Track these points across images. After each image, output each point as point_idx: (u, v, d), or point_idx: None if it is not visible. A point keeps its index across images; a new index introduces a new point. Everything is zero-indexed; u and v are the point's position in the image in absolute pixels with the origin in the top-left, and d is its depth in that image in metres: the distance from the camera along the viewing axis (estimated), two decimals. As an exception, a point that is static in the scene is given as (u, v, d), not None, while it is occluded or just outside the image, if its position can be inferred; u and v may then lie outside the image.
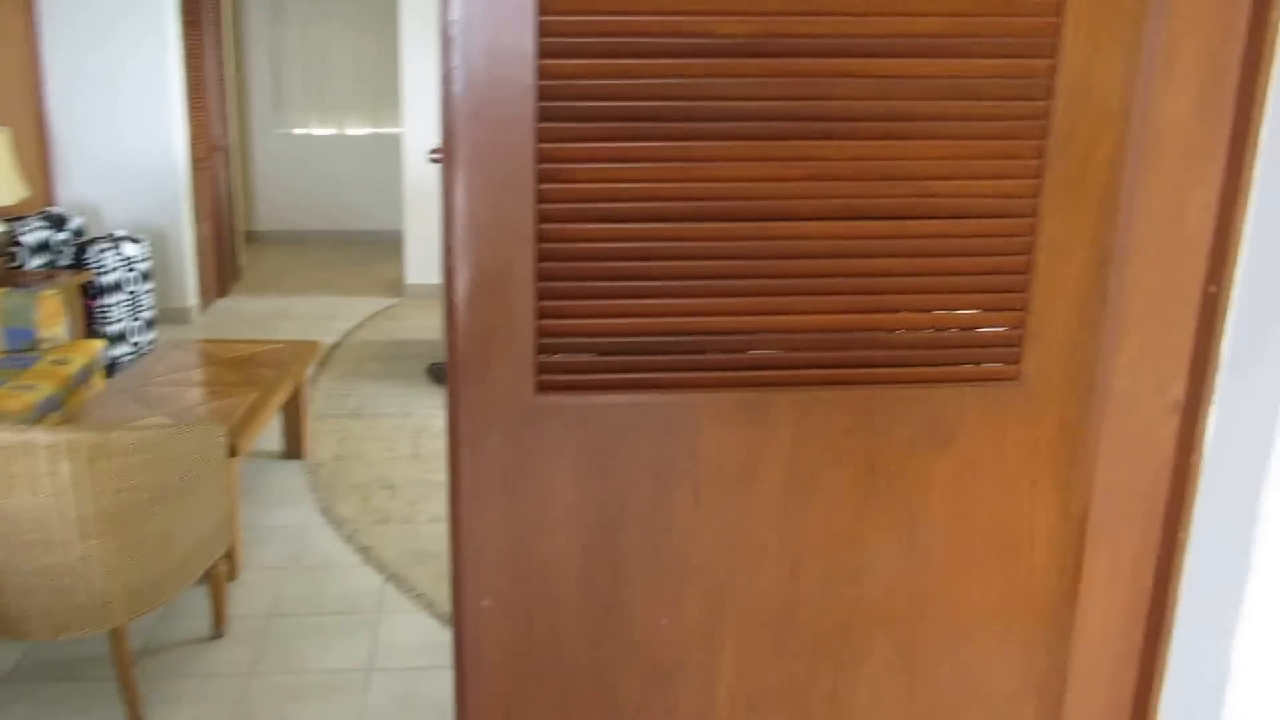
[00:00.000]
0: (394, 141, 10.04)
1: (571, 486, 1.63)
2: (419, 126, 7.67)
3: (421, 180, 7.73)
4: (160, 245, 6.85)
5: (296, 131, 10.19)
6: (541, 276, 1.58)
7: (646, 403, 1.62)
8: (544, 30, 1.51)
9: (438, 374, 5.95)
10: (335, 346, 6.65)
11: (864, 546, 1.67)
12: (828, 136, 1.56)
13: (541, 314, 1.59)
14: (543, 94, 1.53)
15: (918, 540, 1.68)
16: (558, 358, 1.61)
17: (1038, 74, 1.58)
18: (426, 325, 7.22)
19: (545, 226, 1.57)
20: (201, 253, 7.27)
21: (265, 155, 10.23)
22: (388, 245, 9.95)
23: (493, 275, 1.58)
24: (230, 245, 8.19)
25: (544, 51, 1.52)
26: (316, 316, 7.43)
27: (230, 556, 3.45)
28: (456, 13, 1.53)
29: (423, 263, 7.96)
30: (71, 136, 6.66)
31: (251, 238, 10.20)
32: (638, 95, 1.53)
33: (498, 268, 1.58)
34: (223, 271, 7.87)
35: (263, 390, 4.00)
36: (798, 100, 1.55)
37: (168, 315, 6.96)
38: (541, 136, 1.54)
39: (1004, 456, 1.66)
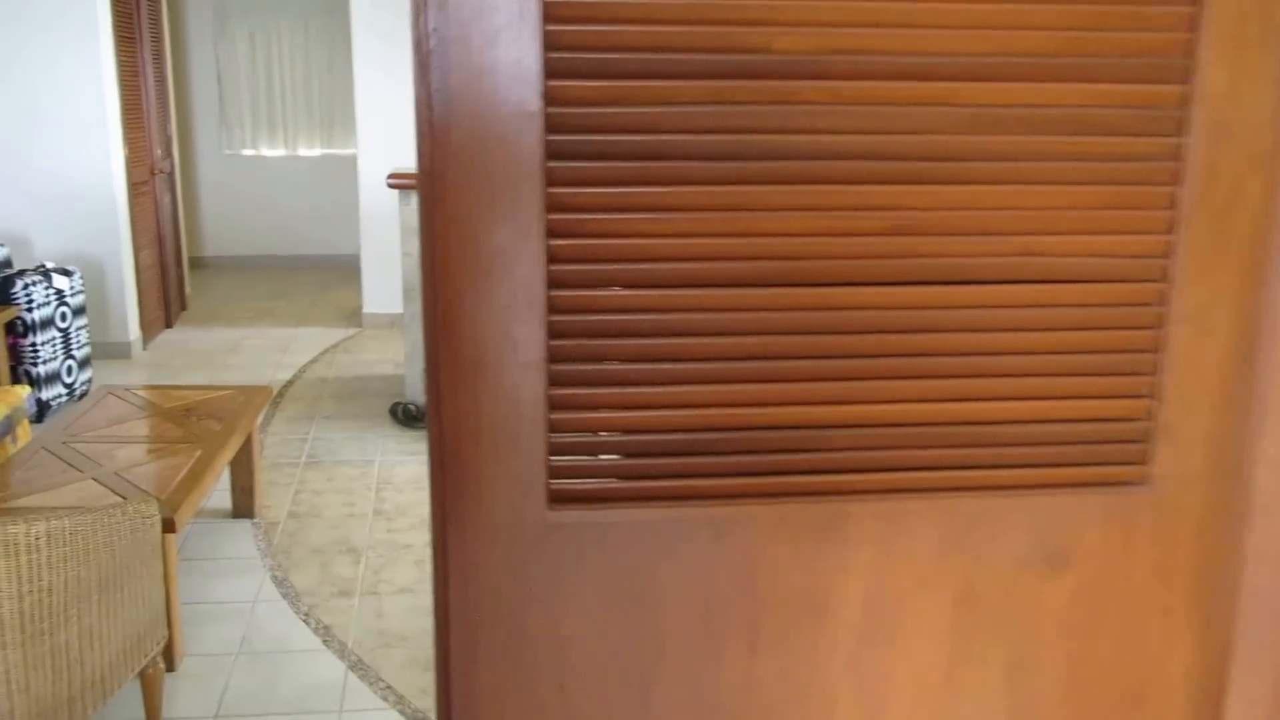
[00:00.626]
0: (349, 163, 9.71)
1: (592, 626, 1.32)
2: (375, 147, 7.34)
3: (379, 204, 7.40)
4: (97, 276, 6.47)
5: (245, 153, 9.83)
6: (553, 357, 1.28)
7: (687, 517, 1.31)
8: (551, 43, 1.21)
9: (401, 414, 5.61)
10: (289, 384, 6.30)
11: (959, 694, 1.37)
12: (909, 181, 1.27)
13: (553, 405, 1.29)
14: (551, 124, 1.23)
15: (1025, 684, 1.37)
16: (575, 460, 1.31)
17: (1168, 103, 1.29)
18: (387, 358, 6.88)
19: (557, 294, 1.26)
20: (143, 283, 6.90)
21: (212, 177, 9.86)
22: (343, 271, 9.60)
23: (489, 355, 1.27)
24: (175, 274, 7.81)
25: (552, 70, 1.22)
26: (269, 350, 7.07)
27: (168, 648, 3.10)
28: (434, 19, 1.22)
29: (381, 291, 7.62)
30: (-5, 164, 6.29)
31: (199, 264, 9.81)
32: (672, 127, 1.23)
33: (495, 345, 1.27)
34: (167, 302, 7.49)
35: (207, 447, 3.65)
36: (872, 135, 1.25)
37: (107, 350, 6.58)
38: (551, 179, 1.24)
39: (1131, 579, 1.36)
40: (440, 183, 1.25)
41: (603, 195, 1.25)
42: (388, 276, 7.56)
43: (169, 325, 7.54)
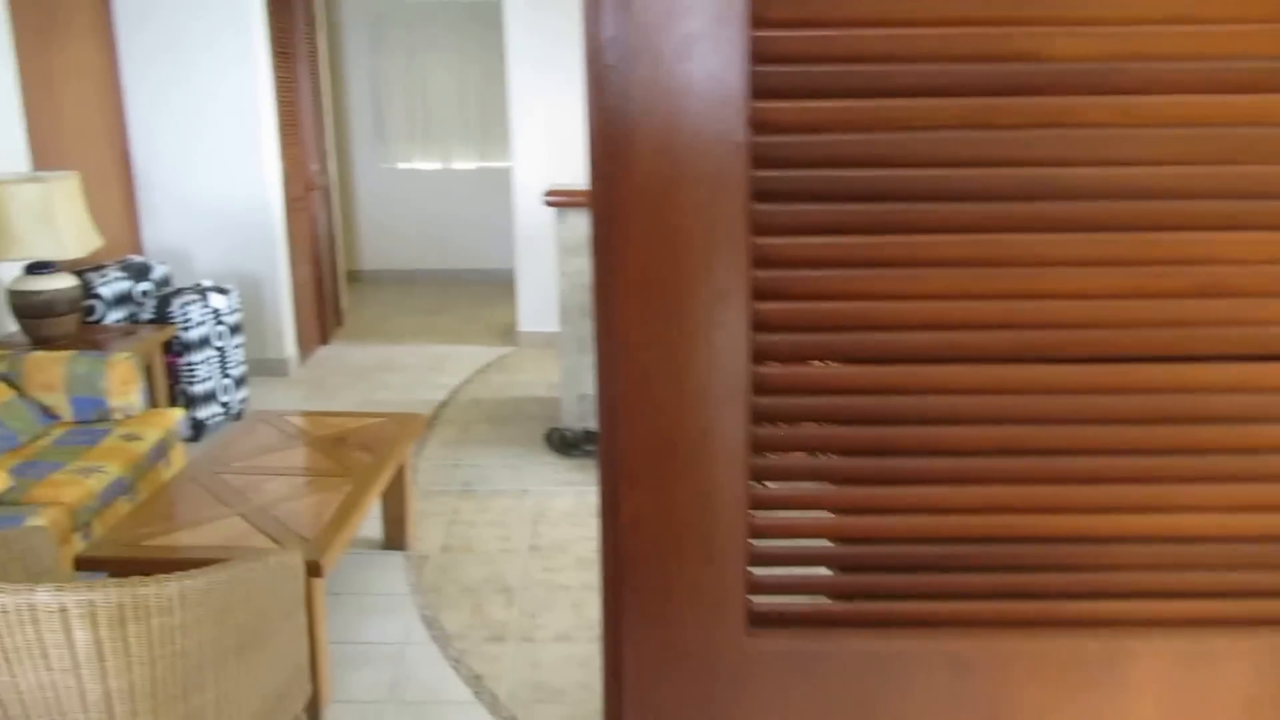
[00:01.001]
0: (502, 176, 9.68)
1: (803, 785, 1.07)
2: (530, 161, 7.23)
3: (534, 218, 7.28)
4: (254, 292, 6.51)
5: (401, 166, 9.88)
6: (756, 446, 1.04)
7: (920, 650, 1.05)
8: (761, 53, 0.98)
9: (557, 441, 5.45)
10: (443, 406, 6.21)
11: None
12: (1225, 226, 0.99)
13: (756, 504, 1.05)
14: (760, 156, 1.00)
15: None
16: (781, 573, 1.06)
17: None
18: (542, 380, 6.75)
19: (763, 369, 1.03)
20: (299, 298, 6.92)
21: (367, 191, 9.95)
22: (498, 287, 9.56)
23: (676, 444, 1.04)
24: (331, 288, 7.85)
25: (761, 88, 0.98)
26: (423, 368, 7.02)
27: (312, 700, 2.97)
28: (613, 26, 1.00)
29: (536, 308, 7.51)
30: (157, 177, 6.37)
31: (355, 278, 9.91)
32: (914, 159, 0.98)
33: (686, 431, 1.04)
34: (323, 317, 7.53)
35: (358, 481, 3.53)
36: (1182, 166, 0.98)
37: (263, 367, 6.62)
38: (758, 225, 1.01)
39: None
40: (618, 230, 1.03)
41: (824, 246, 1.01)
42: (543, 294, 7.45)
43: (325, 341, 7.57)
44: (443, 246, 10.06)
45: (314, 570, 2.89)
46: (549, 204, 5.30)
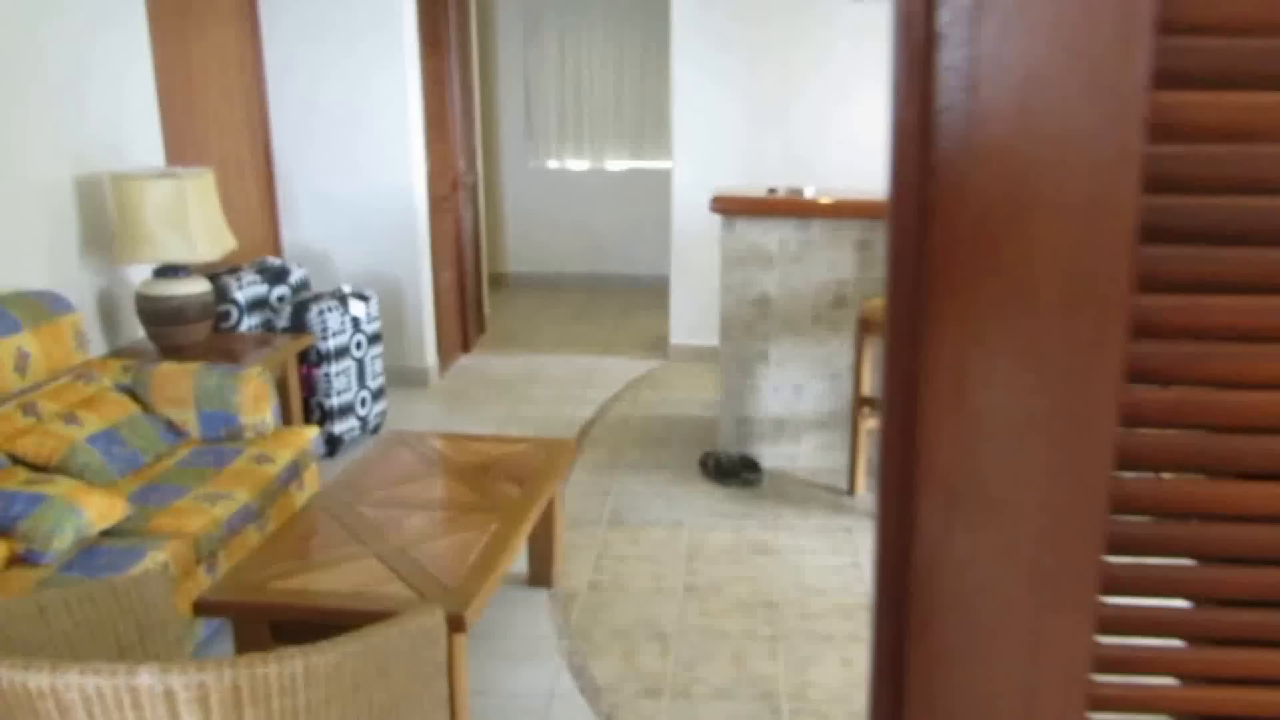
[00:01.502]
0: (657, 177, 9.43)
1: None
2: (691, 163, 6.95)
3: (693, 224, 7.00)
4: (395, 297, 6.37)
5: (550, 165, 9.71)
6: (1109, 624, 0.71)
7: None
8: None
9: (712, 467, 5.15)
10: (590, 424, 5.97)
11: None
12: None
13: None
14: (1155, 176, 0.67)
15: None
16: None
17: None
18: (696, 397, 6.46)
19: (1137, 489, 0.70)
20: (441, 305, 6.76)
21: (515, 191, 9.80)
22: (649, 294, 9.32)
23: (992, 619, 0.73)
24: (475, 294, 7.70)
25: (1170, 73, 0.66)
26: (570, 381, 6.80)
27: (451, 769, 2.71)
28: (949, 10, 0.69)
29: (691, 320, 7.23)
30: (298, 174, 6.27)
31: (499, 281, 9.78)
32: None
33: (1006, 600, 0.72)
34: (465, 325, 7.37)
35: (505, 519, 3.28)
36: None
37: (403, 377, 6.47)
38: (1144, 278, 0.69)
39: None
40: (932, 272, 0.73)
41: (1245, 309, 0.68)
42: (699, 305, 7.16)
43: (467, 349, 7.41)
44: (591, 250, 9.86)
45: (457, 625, 2.64)
46: (716, 210, 5.00)
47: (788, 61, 6.83)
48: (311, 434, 4.20)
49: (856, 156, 6.92)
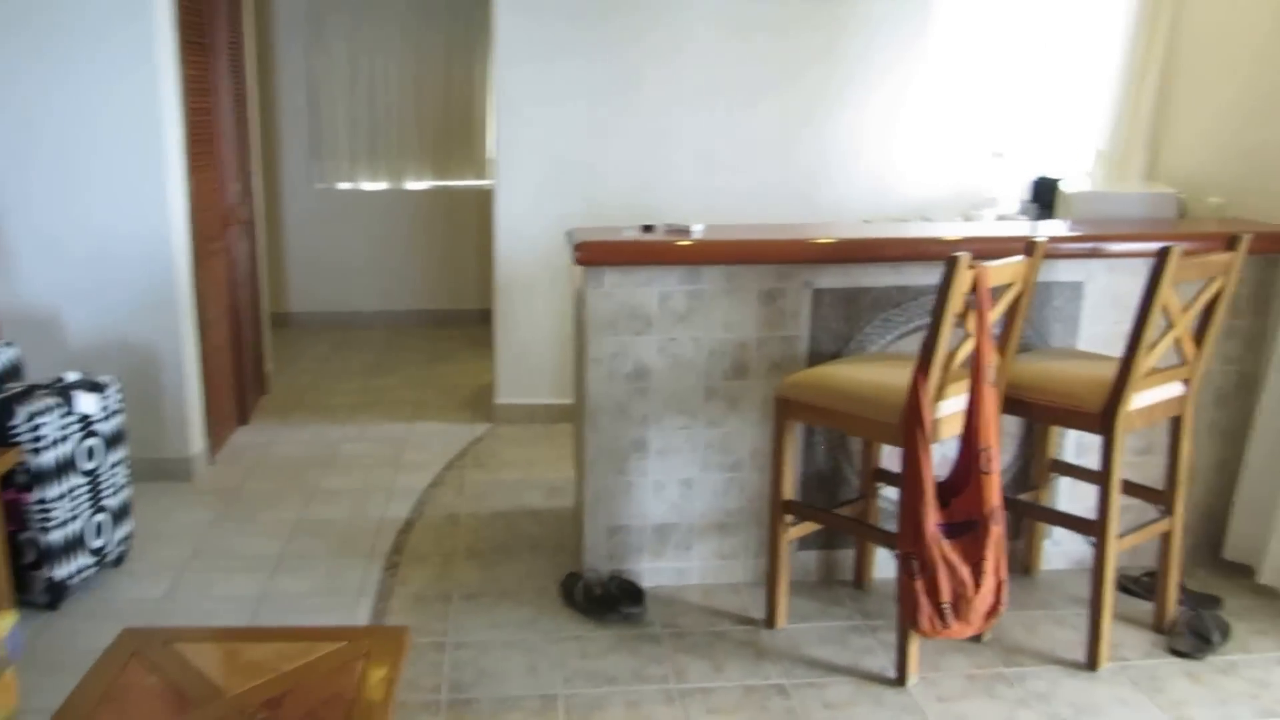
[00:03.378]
0: (467, 198, 8.06)
1: None
2: (521, 184, 5.65)
3: (522, 258, 5.71)
4: (146, 370, 4.85)
5: (341, 186, 8.21)
6: None
7: None
8: None
9: (581, 597, 3.87)
10: (408, 528, 4.59)
11: None
12: None
13: None
14: None
15: None
16: None
17: None
18: (538, 479, 5.16)
19: None
20: (211, 371, 5.27)
21: (299, 216, 8.26)
22: (462, 335, 7.95)
23: None
24: (254, 350, 6.19)
25: None
26: (375, 461, 5.39)
27: None
28: None
29: (520, 373, 5.93)
30: (17, 217, 4.68)
31: (283, 322, 8.23)
32: None
33: None
34: (242, 390, 5.86)
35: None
36: None
37: (160, 470, 4.96)
38: None
39: None
40: None
41: None
42: (531, 355, 5.87)
43: (244, 420, 5.91)
44: (391, 284, 8.41)
45: None
46: (581, 261, 3.72)
47: (636, 64, 5.60)
48: (8, 624, 2.72)
49: (736, 177, 5.76)
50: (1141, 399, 3.42)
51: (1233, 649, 3.62)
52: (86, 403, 3.81)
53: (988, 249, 3.52)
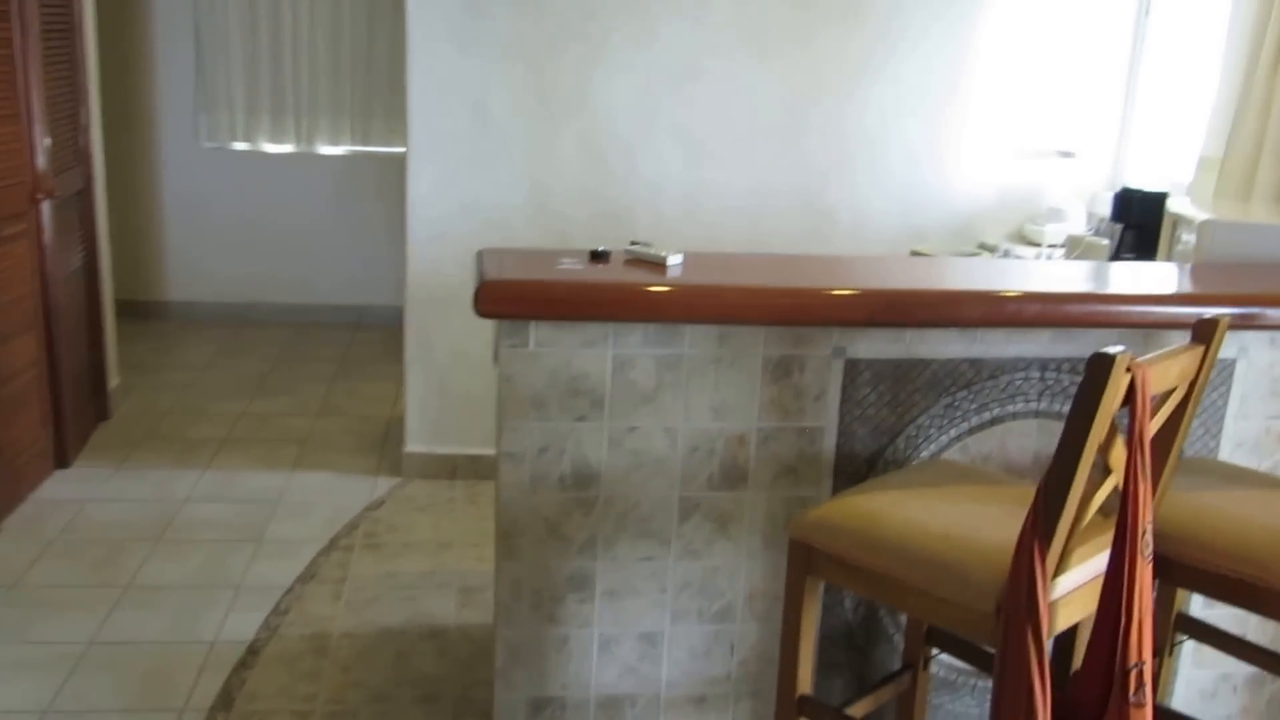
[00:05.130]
0: (395, 166, 6.67)
1: None
2: (438, 159, 4.32)
3: (439, 257, 4.39)
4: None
5: (237, 146, 6.80)
6: None
7: None
8: None
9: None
10: (250, 659, 3.27)
11: None
12: None
13: None
14: None
15: None
16: None
17: None
18: (450, 570, 3.87)
19: None
20: (4, 402, 3.90)
21: (182, 183, 6.83)
22: (382, 339, 6.58)
23: None
24: (87, 367, 4.82)
25: None
26: (230, 532, 4.06)
27: None
28: None
29: (438, 411, 4.61)
30: None
31: (159, 313, 6.84)
32: None
33: None
34: (60, 423, 4.48)
35: None
36: None
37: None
38: None
39: None
40: None
41: None
42: (450, 386, 4.55)
43: (62, 463, 4.52)
44: (298, 270, 7.01)
45: None
46: (486, 312, 2.41)
47: (598, 15, 4.27)
48: None
49: (725, 169, 4.44)
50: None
51: None
52: None
53: (1115, 316, 2.26)
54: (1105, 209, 4.22)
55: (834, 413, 2.64)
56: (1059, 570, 1.95)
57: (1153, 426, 2.01)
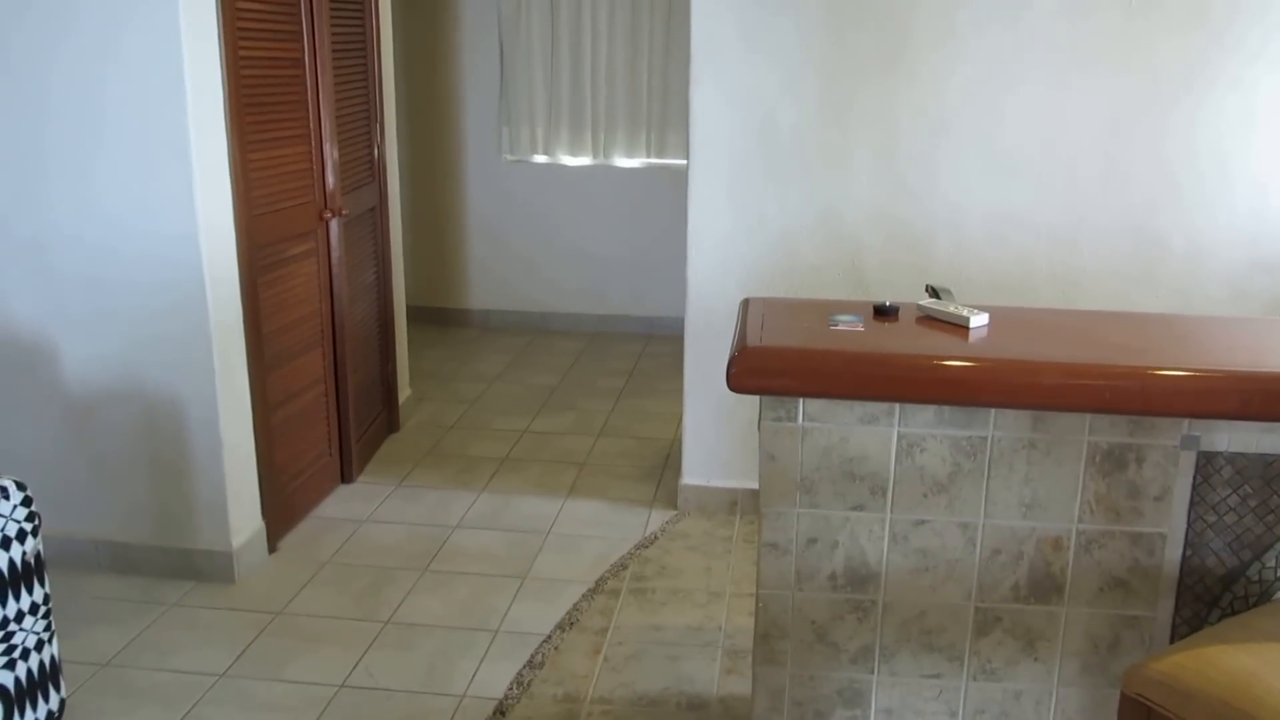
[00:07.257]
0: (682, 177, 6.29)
1: None
2: (718, 173, 3.88)
3: (722, 269, 3.96)
4: (165, 421, 3.37)
5: (537, 159, 6.59)
6: None
7: None
8: None
9: None
10: (498, 718, 2.94)
11: None
12: None
13: None
14: None
15: None
16: None
17: None
18: (718, 627, 3.43)
19: None
20: (282, 427, 3.77)
21: (484, 195, 6.68)
22: (668, 352, 6.21)
23: None
24: (378, 380, 4.67)
25: None
26: (494, 569, 3.77)
27: None
28: None
29: (717, 442, 4.17)
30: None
31: (460, 321, 6.75)
32: None
33: None
34: (344, 439, 4.32)
35: None
36: None
37: (189, 568, 3.49)
38: None
39: None
40: None
41: None
42: (732, 415, 4.11)
43: (347, 478, 4.37)
44: (593, 280, 6.75)
45: None
46: (737, 386, 1.95)
47: (900, 26, 3.72)
48: None
49: (1038, 192, 3.81)
50: None
51: None
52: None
53: None
54: None
55: (1181, 517, 2.03)
56: None
57: None
